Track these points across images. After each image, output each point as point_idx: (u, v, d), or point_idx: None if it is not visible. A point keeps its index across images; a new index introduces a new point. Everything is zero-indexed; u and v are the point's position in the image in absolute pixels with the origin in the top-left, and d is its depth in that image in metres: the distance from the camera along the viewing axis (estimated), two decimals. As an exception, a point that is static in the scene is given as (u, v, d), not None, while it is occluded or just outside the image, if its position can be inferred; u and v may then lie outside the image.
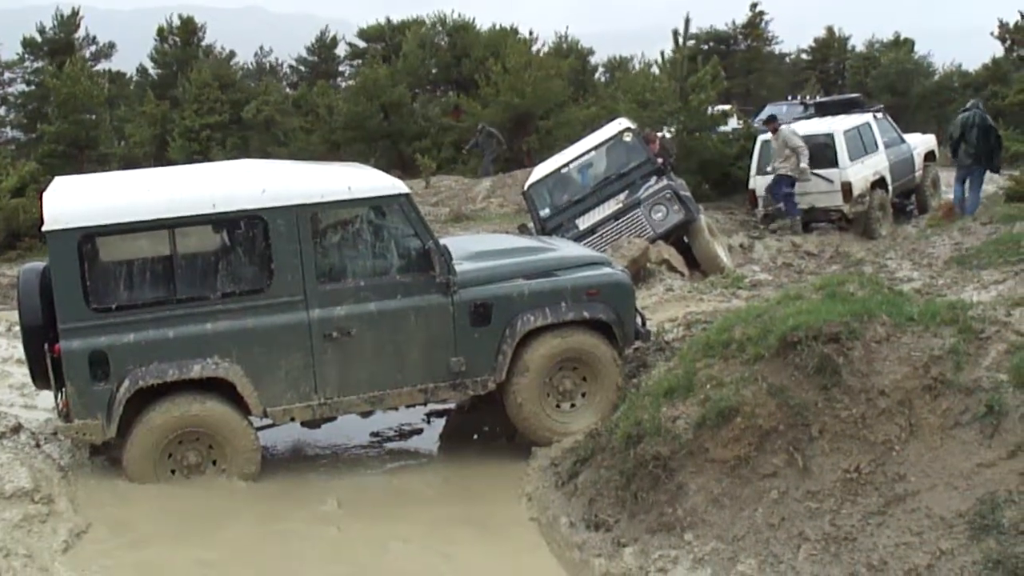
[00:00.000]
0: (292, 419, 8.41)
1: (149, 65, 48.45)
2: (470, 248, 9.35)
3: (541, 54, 38.79)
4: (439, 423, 10.24)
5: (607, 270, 9.22)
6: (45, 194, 8.17)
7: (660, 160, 16.05)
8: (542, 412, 8.75)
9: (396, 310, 8.36)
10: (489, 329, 8.60)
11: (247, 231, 8.21)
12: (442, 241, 8.68)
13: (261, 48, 52.90)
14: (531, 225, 16.90)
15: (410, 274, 8.44)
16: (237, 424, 8.10)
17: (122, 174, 9.90)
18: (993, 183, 18.87)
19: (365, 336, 8.31)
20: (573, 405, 8.89)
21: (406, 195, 8.51)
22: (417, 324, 8.41)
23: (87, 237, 7.81)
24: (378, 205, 8.52)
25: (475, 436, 9.95)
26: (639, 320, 9.41)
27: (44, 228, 7.80)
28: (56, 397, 8.19)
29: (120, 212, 7.98)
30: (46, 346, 7.91)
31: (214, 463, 8.15)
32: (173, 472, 8.08)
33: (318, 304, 8.22)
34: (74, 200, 8.17)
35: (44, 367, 7.98)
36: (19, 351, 10.08)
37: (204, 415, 8.02)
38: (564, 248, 9.87)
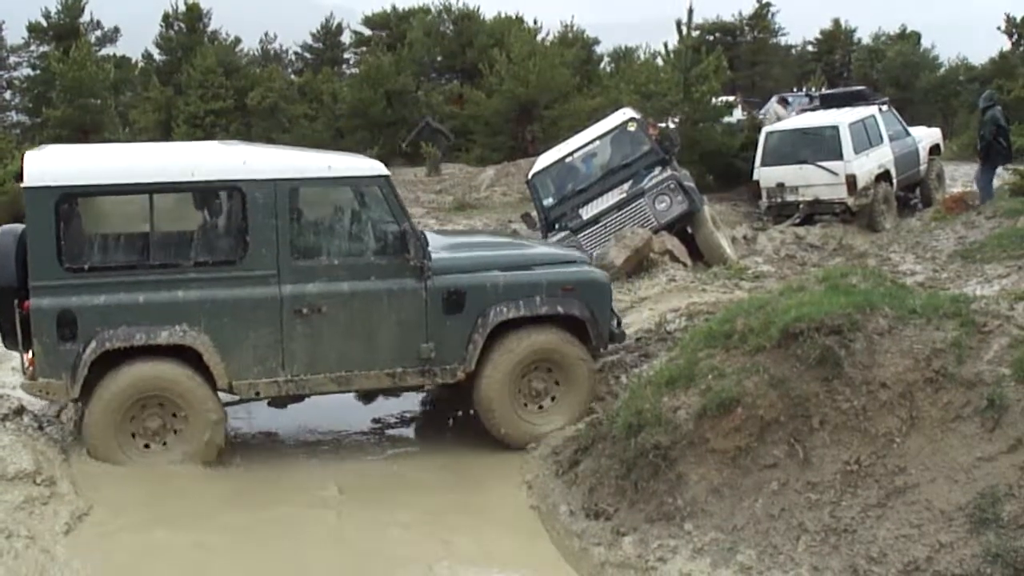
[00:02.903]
0: (257, 394, 8.40)
1: (154, 51, 48.42)
2: (450, 240, 9.44)
3: (546, 43, 38.83)
4: (440, 410, 10.25)
5: (585, 267, 9.20)
6: (28, 153, 8.23)
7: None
8: (511, 412, 8.71)
9: (368, 291, 8.34)
10: (461, 317, 8.56)
11: (225, 202, 8.29)
12: (424, 231, 8.68)
13: (266, 34, 52.90)
14: (535, 214, 16.89)
15: (385, 256, 8.42)
16: (202, 391, 8.07)
17: (108, 144, 10.00)
18: (998, 178, 18.87)
19: (336, 315, 8.29)
20: (540, 407, 8.85)
21: (385, 177, 8.53)
22: (389, 307, 8.39)
23: (66, 196, 7.85)
24: (357, 185, 8.54)
25: (476, 424, 9.93)
26: (614, 321, 9.32)
27: (23, 184, 7.86)
28: (23, 357, 8.18)
29: (100, 174, 8.08)
30: (15, 302, 7.89)
31: (175, 432, 8.12)
32: (134, 436, 8.05)
33: (291, 280, 8.21)
34: (55, 160, 8.27)
35: (13, 324, 7.95)
36: (22, 334, 10.09)
37: (169, 378, 7.99)
38: (544, 246, 9.88)
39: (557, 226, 15.92)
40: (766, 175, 19.16)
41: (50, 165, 8.09)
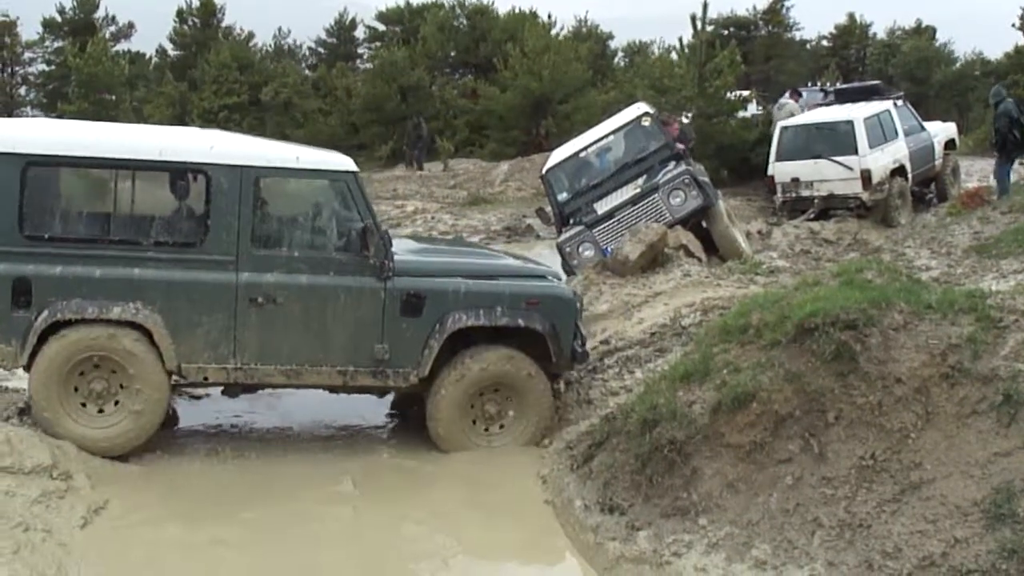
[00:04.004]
0: (205, 379, 8.35)
1: (168, 46, 48.55)
2: (418, 245, 9.49)
3: (560, 38, 38.85)
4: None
5: (551, 283, 9.07)
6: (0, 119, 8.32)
7: (680, 145, 16.00)
8: (462, 435, 8.60)
9: (326, 286, 8.26)
10: (419, 321, 8.41)
11: (190, 184, 8.33)
12: (398, 238, 8.68)
13: (280, 29, 52.98)
14: (549, 209, 16.88)
15: (347, 253, 8.34)
16: (149, 360, 8.04)
17: (88, 122, 10.06)
18: (1014, 172, 18.83)
19: (291, 307, 8.23)
20: (500, 427, 8.75)
21: (353, 173, 8.47)
22: (346, 304, 8.30)
23: (32, 164, 7.91)
24: (324, 179, 8.53)
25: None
26: (579, 341, 9.05)
27: None
28: None
29: (68, 145, 8.13)
30: None
31: (122, 386, 8.07)
32: (84, 405, 8.04)
33: (249, 268, 8.17)
34: (26, 128, 8.39)
35: None
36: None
37: (117, 339, 7.96)
38: (514, 260, 9.76)
39: (572, 221, 15.89)
40: (781, 170, 19.13)
41: (19, 132, 8.22)
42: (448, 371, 8.52)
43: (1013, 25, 39.19)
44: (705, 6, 22.51)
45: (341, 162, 8.56)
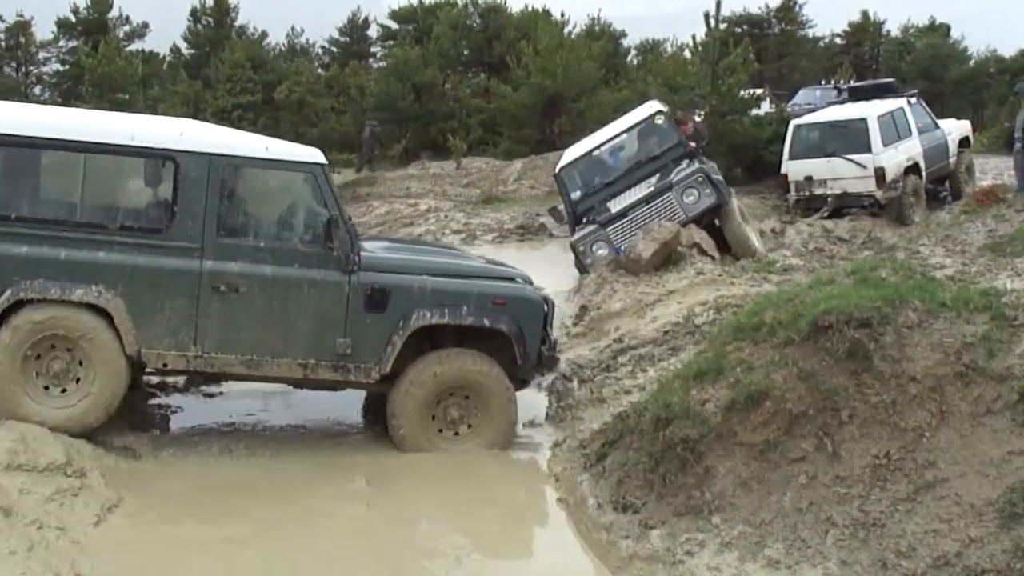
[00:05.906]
0: (165, 366, 8.31)
1: (182, 45, 48.69)
2: (388, 243, 9.56)
3: (573, 36, 38.82)
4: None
5: (519, 285, 8.98)
6: None
7: (692, 144, 15.98)
8: (423, 438, 8.56)
9: (290, 277, 8.24)
10: (383, 317, 8.40)
11: (158, 170, 8.32)
12: (370, 238, 8.66)
13: (293, 28, 53.10)
14: (562, 208, 16.88)
15: (312, 245, 8.33)
16: (109, 344, 8.02)
17: (60, 107, 10.16)
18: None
19: (254, 297, 8.21)
20: (456, 433, 8.69)
21: (322, 165, 8.48)
22: (310, 296, 8.29)
23: (1, 144, 7.96)
24: (292, 171, 8.52)
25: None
26: (547, 345, 9.02)
27: None
28: None
29: (39, 127, 8.17)
30: None
31: (78, 381, 8.06)
32: (37, 375, 8.01)
33: (213, 256, 8.16)
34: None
35: None
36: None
37: (75, 319, 7.95)
38: (485, 263, 9.67)
39: (585, 220, 15.89)
40: (794, 168, 19.08)
41: None
42: (411, 372, 8.50)
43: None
44: (718, 4, 22.46)
45: (310, 154, 8.56)
